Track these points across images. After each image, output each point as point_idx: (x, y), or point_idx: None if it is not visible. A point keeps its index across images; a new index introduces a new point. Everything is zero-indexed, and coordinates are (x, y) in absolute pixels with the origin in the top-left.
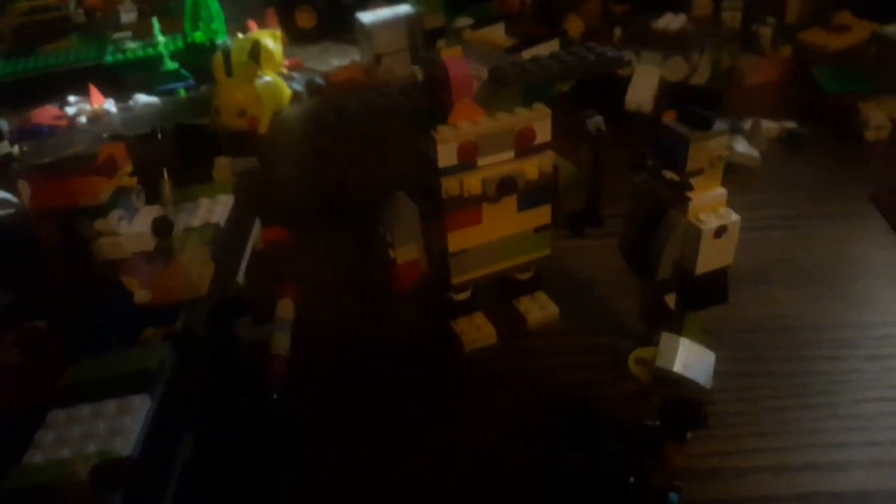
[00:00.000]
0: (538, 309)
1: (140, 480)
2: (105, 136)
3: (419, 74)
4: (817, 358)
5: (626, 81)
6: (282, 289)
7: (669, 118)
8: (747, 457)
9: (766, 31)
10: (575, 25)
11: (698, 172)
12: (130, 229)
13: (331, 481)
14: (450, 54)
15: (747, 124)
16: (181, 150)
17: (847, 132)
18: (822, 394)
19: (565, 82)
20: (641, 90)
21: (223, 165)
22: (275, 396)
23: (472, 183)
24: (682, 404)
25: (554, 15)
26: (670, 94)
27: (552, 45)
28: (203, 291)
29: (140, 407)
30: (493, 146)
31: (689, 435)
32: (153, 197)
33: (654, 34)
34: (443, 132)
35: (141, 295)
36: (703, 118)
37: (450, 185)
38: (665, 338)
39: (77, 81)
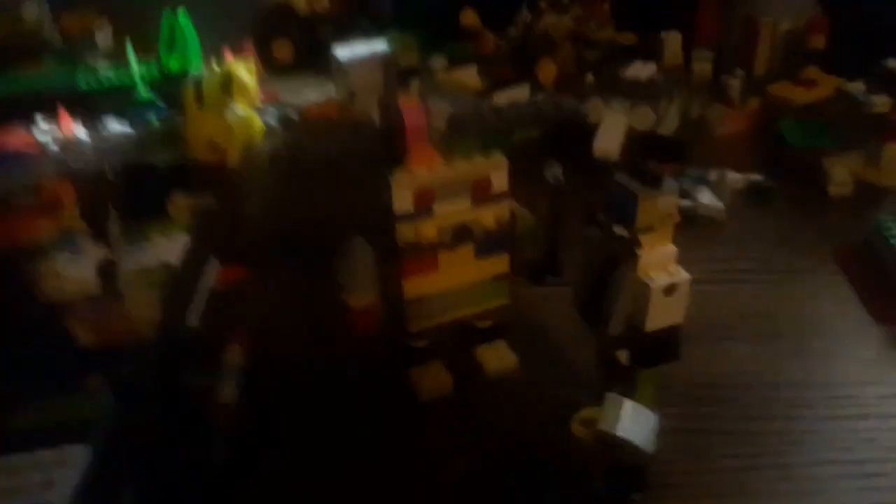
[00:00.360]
0: (497, 358)
1: None
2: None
3: (377, 119)
4: (775, 417)
5: (594, 128)
6: (233, 334)
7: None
8: None
9: (734, 83)
10: (548, 70)
11: (648, 229)
12: (74, 272)
13: None
14: (406, 102)
15: (713, 175)
16: (131, 189)
17: (812, 186)
18: (778, 454)
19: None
20: (609, 138)
21: (180, 203)
22: (222, 446)
23: (428, 230)
24: (625, 467)
25: (528, 58)
26: (637, 142)
27: (523, 90)
28: (148, 335)
29: (77, 458)
30: (449, 193)
31: (635, 497)
32: (101, 237)
33: (624, 82)
34: (399, 178)
35: (84, 338)
36: (654, 176)
37: (405, 232)
38: (609, 399)
39: (49, 106)
